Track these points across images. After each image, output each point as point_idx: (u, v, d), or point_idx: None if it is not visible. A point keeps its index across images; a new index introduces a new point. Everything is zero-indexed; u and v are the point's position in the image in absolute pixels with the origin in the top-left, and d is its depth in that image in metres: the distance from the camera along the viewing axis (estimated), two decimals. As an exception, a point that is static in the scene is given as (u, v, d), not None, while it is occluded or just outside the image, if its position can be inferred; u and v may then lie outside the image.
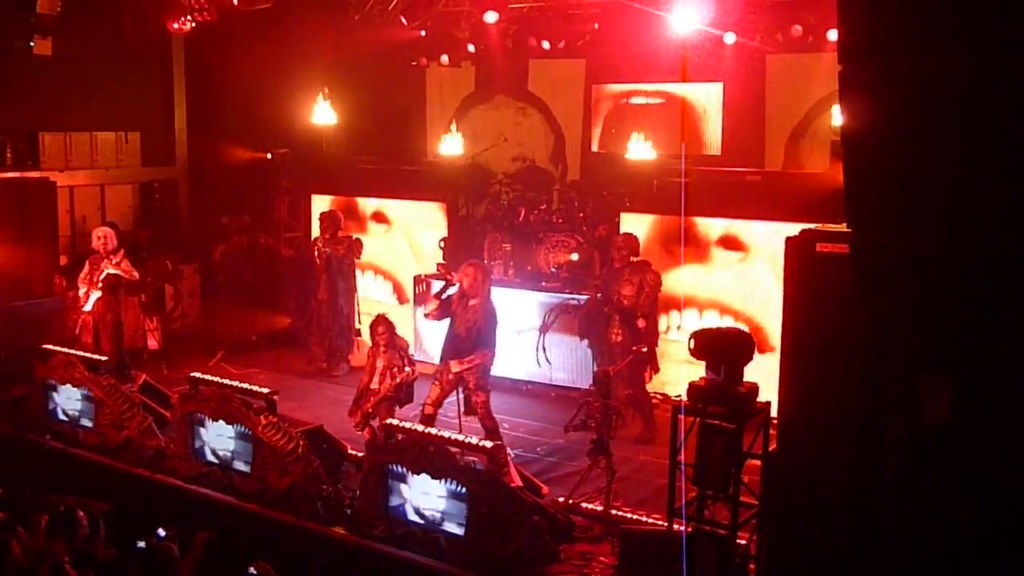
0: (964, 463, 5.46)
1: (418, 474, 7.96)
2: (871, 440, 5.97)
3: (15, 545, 6.76)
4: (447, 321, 9.50)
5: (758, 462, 6.94)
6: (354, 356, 12.90)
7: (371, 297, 13.70)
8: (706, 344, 6.97)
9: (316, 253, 12.78)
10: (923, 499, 5.68)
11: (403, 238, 13.74)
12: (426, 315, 9.73)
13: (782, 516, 6.72)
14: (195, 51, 15.78)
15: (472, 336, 9.29)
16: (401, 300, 13.70)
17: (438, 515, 7.89)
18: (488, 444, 7.97)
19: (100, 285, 11.77)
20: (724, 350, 6.89)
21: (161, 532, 7.44)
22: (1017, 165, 4.38)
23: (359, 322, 12.91)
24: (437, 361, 9.75)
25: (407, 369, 9.68)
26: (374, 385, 9.74)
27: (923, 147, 4.58)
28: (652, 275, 10.39)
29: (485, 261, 12.61)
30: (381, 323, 9.89)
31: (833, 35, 12.19)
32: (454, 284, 9.41)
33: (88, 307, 11.85)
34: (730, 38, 13.51)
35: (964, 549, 5.49)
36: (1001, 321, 4.85)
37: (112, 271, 11.77)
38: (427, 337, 12.51)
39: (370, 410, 9.66)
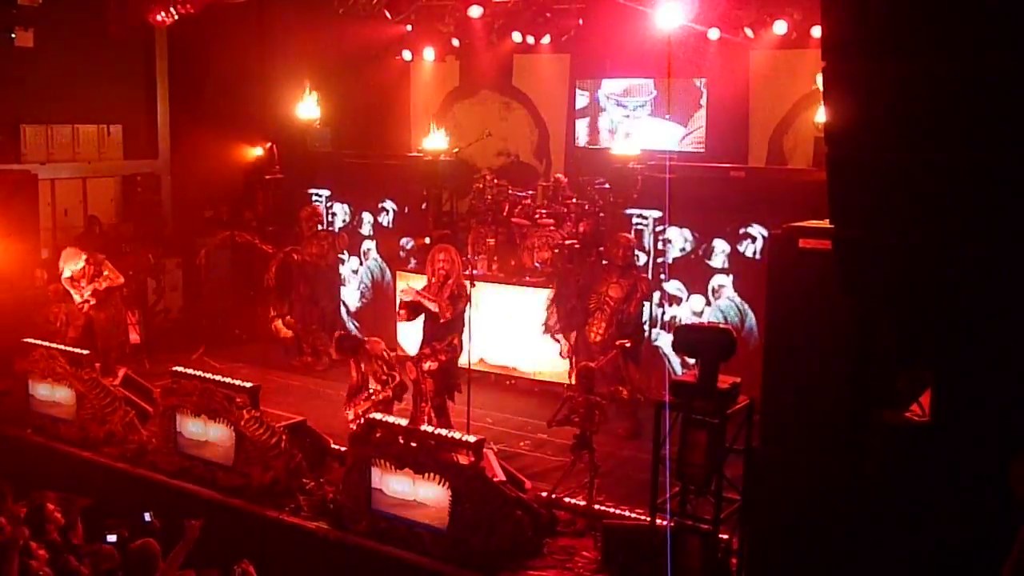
0: (945, 457, 5.49)
1: (401, 469, 7.95)
2: (854, 435, 6.00)
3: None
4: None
5: (741, 457, 6.97)
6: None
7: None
8: (688, 340, 7.00)
9: (281, 259, 12.78)
10: (905, 493, 5.71)
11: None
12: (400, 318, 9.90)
13: (764, 511, 6.74)
14: (178, 44, 15.69)
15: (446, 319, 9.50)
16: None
17: (420, 510, 7.88)
18: (471, 439, 7.97)
19: (92, 297, 11.72)
20: (706, 346, 6.91)
21: (147, 516, 7.41)
22: (999, 161, 4.40)
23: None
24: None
25: (393, 374, 9.68)
26: (373, 386, 9.70)
27: (906, 143, 4.60)
28: (644, 283, 10.38)
29: (469, 256, 12.63)
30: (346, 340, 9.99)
31: (817, 31, 12.22)
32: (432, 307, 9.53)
33: (84, 308, 11.80)
34: (714, 34, 13.54)
35: (946, 544, 5.52)
36: (983, 316, 4.88)
37: (100, 287, 11.72)
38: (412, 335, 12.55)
39: (362, 412, 9.66)
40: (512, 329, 11.94)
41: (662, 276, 11.31)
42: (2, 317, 12.11)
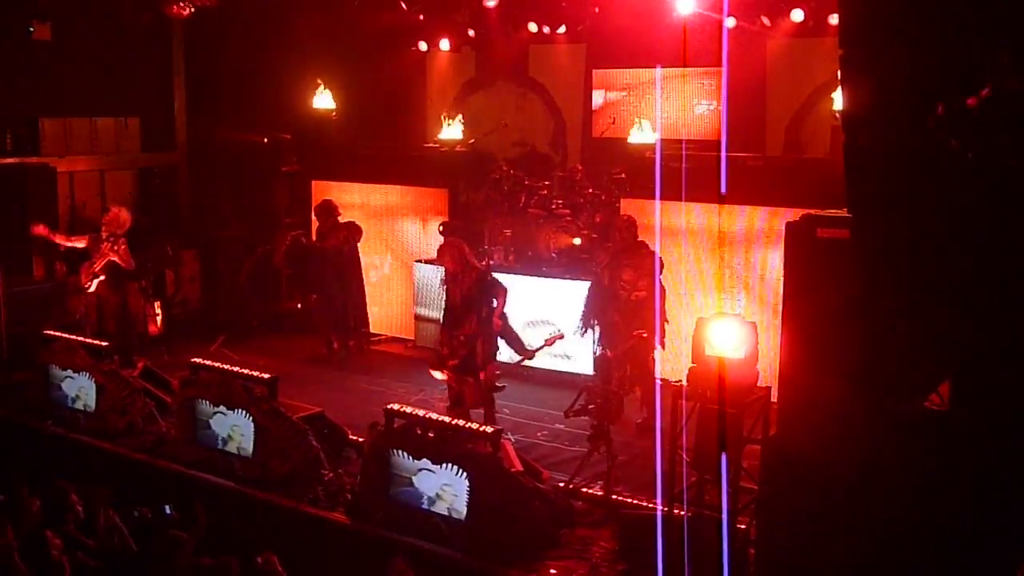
0: (964, 446, 5.48)
1: (419, 460, 7.98)
2: (871, 424, 5.98)
3: (10, 530, 6.77)
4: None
5: (758, 447, 6.96)
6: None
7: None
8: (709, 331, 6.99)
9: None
10: (923, 483, 5.70)
11: (409, 223, 13.73)
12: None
13: (781, 501, 6.73)
14: (195, 36, 15.74)
15: (467, 305, 9.46)
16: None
17: (439, 500, 7.90)
18: (489, 430, 7.98)
19: (100, 270, 11.74)
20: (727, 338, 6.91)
21: (167, 509, 7.46)
22: (1017, 149, 4.37)
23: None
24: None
25: None
26: None
27: (923, 131, 4.58)
28: (650, 258, 10.35)
29: (485, 247, 12.63)
30: None
31: (834, 19, 12.15)
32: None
33: (92, 288, 11.81)
34: (731, 22, 13.47)
35: (963, 535, 5.50)
36: (1001, 306, 4.85)
37: (112, 259, 11.74)
38: (426, 326, 12.62)
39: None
40: (529, 319, 11.92)
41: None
42: (22, 309, 12.20)
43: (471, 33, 16.18)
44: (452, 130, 14.15)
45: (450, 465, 7.82)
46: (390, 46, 16.62)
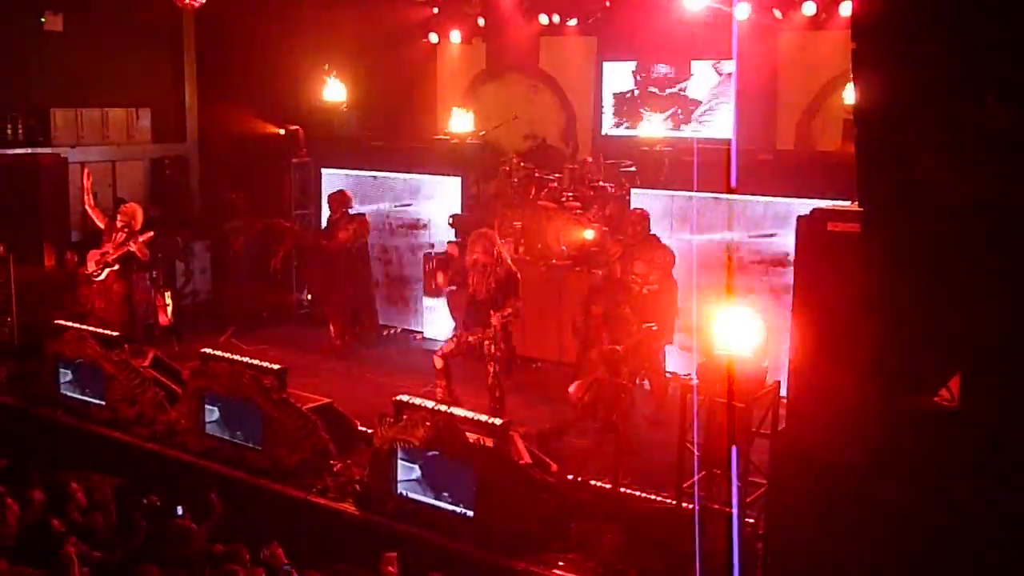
0: (974, 443, 5.46)
1: (428, 451, 7.98)
2: (881, 419, 5.97)
3: (10, 516, 6.79)
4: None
5: (767, 441, 6.95)
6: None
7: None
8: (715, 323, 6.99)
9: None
10: (932, 479, 5.68)
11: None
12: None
13: (790, 495, 6.72)
14: (206, 27, 15.77)
15: (492, 300, 9.40)
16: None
17: (447, 493, 7.90)
18: (498, 422, 7.97)
19: (115, 260, 11.76)
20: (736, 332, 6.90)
21: (179, 510, 7.49)
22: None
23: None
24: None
25: None
26: None
27: (935, 125, 4.56)
28: (661, 251, 10.34)
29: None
30: None
31: (846, 12, 12.12)
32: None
33: (102, 276, 11.83)
34: (742, 15, 13.44)
35: (972, 531, 5.49)
36: (1012, 300, 4.84)
37: (130, 250, 11.77)
38: (435, 317, 12.61)
39: None
40: (538, 312, 11.91)
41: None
42: (33, 299, 12.24)
43: (482, 24, 16.17)
44: (463, 122, 14.14)
45: (458, 457, 7.82)
46: (401, 38, 16.63)
